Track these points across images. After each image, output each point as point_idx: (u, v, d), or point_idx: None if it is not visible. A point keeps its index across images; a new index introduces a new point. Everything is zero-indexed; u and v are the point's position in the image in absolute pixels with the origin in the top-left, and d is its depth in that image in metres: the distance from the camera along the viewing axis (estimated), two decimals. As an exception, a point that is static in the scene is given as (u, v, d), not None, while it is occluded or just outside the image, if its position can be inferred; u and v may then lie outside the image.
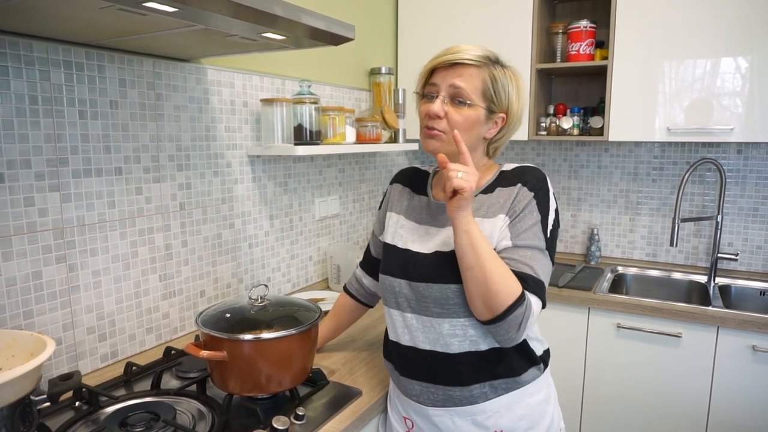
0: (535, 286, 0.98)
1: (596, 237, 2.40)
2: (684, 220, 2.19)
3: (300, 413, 1.06)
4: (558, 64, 2.20)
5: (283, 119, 1.61)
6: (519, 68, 1.10)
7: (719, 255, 2.17)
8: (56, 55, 1.15)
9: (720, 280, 2.15)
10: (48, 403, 1.01)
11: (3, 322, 1.11)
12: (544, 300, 1.00)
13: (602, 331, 1.95)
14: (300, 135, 1.61)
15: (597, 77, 2.31)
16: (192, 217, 1.51)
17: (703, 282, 2.17)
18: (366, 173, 2.31)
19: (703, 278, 2.18)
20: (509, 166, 1.10)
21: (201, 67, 1.50)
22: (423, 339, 1.06)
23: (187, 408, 1.11)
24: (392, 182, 1.25)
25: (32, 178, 1.13)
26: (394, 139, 2.12)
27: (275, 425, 1.00)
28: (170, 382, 1.23)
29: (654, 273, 2.28)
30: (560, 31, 2.23)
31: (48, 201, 1.16)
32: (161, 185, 1.42)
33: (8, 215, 1.10)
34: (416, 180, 1.21)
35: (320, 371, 1.23)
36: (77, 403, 1.11)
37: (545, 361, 1.12)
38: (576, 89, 2.43)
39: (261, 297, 1.17)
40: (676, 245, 2.08)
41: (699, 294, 2.15)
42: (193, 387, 1.18)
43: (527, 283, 0.97)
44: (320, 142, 1.66)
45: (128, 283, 1.35)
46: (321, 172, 2.03)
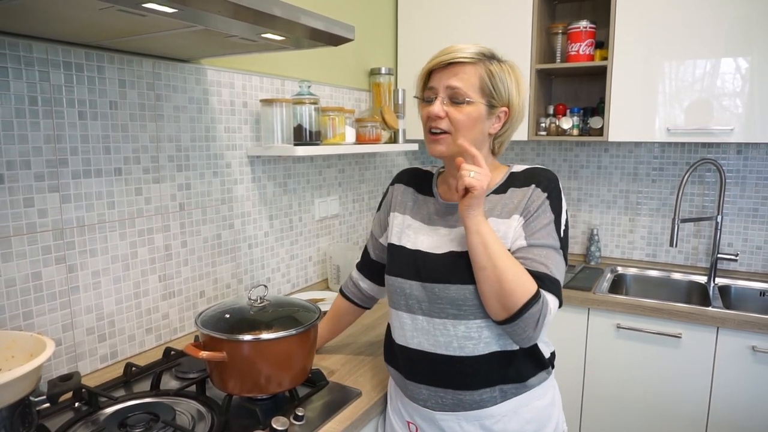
0: (551, 285, 0.98)
1: (596, 237, 2.40)
2: (684, 221, 2.19)
3: (299, 414, 1.06)
4: (558, 65, 2.20)
5: (283, 120, 1.61)
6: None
7: (719, 255, 2.17)
8: (56, 56, 1.15)
9: (720, 281, 2.15)
10: (47, 404, 1.01)
11: (2, 323, 1.11)
12: (561, 298, 1.00)
13: (602, 332, 1.95)
14: (300, 135, 1.61)
15: (597, 77, 2.31)
16: (191, 218, 1.51)
17: (703, 282, 2.17)
18: (366, 173, 2.31)
19: (703, 279, 2.18)
20: (519, 167, 1.10)
21: (201, 68, 1.50)
22: (434, 342, 1.04)
23: (187, 409, 1.11)
24: (393, 183, 1.24)
25: (32, 179, 1.13)
26: (394, 140, 2.12)
27: (275, 426, 1.00)
28: (170, 383, 1.23)
29: (654, 273, 2.28)
30: (560, 32, 2.23)
31: (48, 202, 1.16)
32: (161, 186, 1.42)
33: (8, 216, 1.10)
34: (420, 180, 1.20)
35: (320, 372, 1.23)
36: (77, 404, 1.11)
37: (551, 364, 1.12)
38: (576, 89, 2.43)
39: (260, 297, 1.17)
40: (676, 246, 2.08)
41: (699, 294, 2.15)
42: (193, 388, 1.18)
43: (543, 282, 0.97)
44: (320, 143, 1.66)
45: (128, 284, 1.35)
46: (321, 173, 2.03)
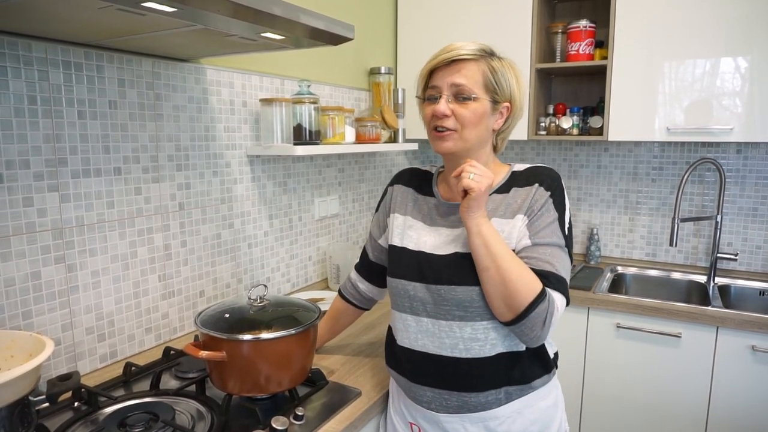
0: (558, 283, 0.98)
1: (596, 237, 2.40)
2: (683, 220, 2.19)
3: (299, 413, 1.06)
4: (557, 64, 2.20)
5: (283, 119, 1.61)
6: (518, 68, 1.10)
7: (719, 255, 2.17)
8: (55, 55, 1.15)
9: (719, 280, 2.15)
10: (47, 404, 1.01)
11: (2, 323, 1.11)
12: (568, 296, 1.00)
13: (602, 331, 1.95)
14: (299, 135, 1.61)
15: (597, 77, 2.31)
16: (191, 217, 1.51)
17: (703, 282, 2.17)
18: (365, 173, 2.31)
19: (703, 278, 2.18)
20: (521, 166, 1.09)
21: (200, 67, 1.49)
22: (439, 344, 1.04)
23: (186, 408, 1.11)
24: (392, 183, 1.23)
25: (31, 179, 1.13)
26: (394, 139, 2.12)
27: (274, 425, 1.00)
28: (169, 383, 1.23)
29: (653, 273, 2.28)
30: (560, 31, 2.23)
31: (47, 201, 1.16)
32: (160, 185, 1.41)
33: (7, 215, 1.10)
34: (420, 180, 1.19)
35: (319, 371, 1.23)
36: (76, 404, 1.11)
37: (555, 364, 1.12)
38: (575, 89, 2.43)
39: (260, 297, 1.16)
40: (676, 245, 2.08)
41: (698, 294, 2.15)
42: (193, 387, 1.18)
43: (549, 281, 0.96)
44: (319, 142, 1.66)
45: (127, 284, 1.35)
46: (320, 172, 2.03)
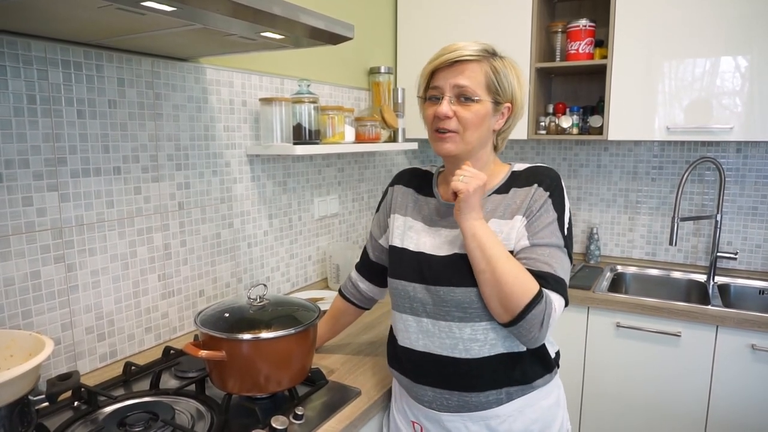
0: (556, 284, 0.97)
1: (596, 236, 2.40)
2: (683, 219, 2.19)
3: (299, 413, 1.06)
4: (557, 63, 2.19)
5: (282, 119, 1.61)
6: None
7: (718, 254, 2.17)
8: (54, 55, 1.15)
9: (719, 279, 2.15)
10: (46, 403, 1.00)
11: (1, 322, 1.11)
12: (567, 297, 1.00)
13: (602, 331, 1.95)
14: (299, 134, 1.60)
15: (596, 76, 2.31)
16: (191, 217, 1.51)
17: (703, 281, 2.17)
18: (365, 172, 2.31)
19: (703, 277, 2.18)
20: (520, 166, 1.09)
21: (200, 67, 1.49)
22: (440, 344, 1.03)
23: (186, 408, 1.11)
24: (392, 184, 1.23)
25: (30, 178, 1.13)
26: (394, 139, 2.12)
27: (274, 425, 1.00)
28: (169, 382, 1.23)
29: (653, 272, 2.28)
30: (559, 30, 2.23)
31: (46, 201, 1.16)
32: (160, 185, 1.41)
33: (6, 215, 1.10)
34: (420, 181, 1.18)
35: (319, 371, 1.23)
36: (76, 403, 1.11)
37: (556, 363, 1.11)
38: (575, 88, 2.43)
39: (260, 296, 1.16)
40: (676, 244, 2.08)
41: (698, 293, 2.15)
42: (192, 387, 1.18)
43: (547, 282, 0.96)
44: (319, 142, 1.65)
45: (127, 283, 1.35)
46: (320, 172, 2.03)
